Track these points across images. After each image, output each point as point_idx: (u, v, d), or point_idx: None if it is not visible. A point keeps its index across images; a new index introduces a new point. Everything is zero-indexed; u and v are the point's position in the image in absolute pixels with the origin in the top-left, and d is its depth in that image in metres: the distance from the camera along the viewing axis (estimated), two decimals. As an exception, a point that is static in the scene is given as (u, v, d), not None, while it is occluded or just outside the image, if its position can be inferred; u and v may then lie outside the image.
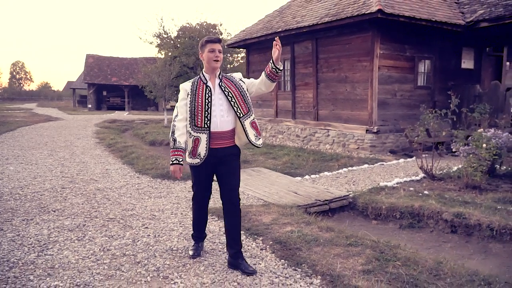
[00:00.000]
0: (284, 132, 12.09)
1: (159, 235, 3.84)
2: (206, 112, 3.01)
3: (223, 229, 3.64)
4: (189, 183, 6.46)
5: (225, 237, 3.27)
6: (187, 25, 23.93)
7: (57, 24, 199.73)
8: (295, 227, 3.88)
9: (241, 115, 3.07)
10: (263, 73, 3.14)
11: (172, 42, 23.60)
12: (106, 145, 10.97)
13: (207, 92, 3.05)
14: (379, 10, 8.12)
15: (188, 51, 22.04)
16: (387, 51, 9.20)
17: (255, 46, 13.14)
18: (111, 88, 36.41)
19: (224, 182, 3.12)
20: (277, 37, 3.07)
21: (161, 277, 2.93)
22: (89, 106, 35.63)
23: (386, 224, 5.25)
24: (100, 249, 3.44)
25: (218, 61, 3.05)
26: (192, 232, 3.47)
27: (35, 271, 3.01)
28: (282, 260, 3.26)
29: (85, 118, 23.35)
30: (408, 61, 9.61)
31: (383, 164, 8.17)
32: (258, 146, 3.19)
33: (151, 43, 24.54)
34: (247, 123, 3.10)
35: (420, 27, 9.16)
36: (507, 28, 9.07)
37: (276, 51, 2.96)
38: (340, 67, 9.99)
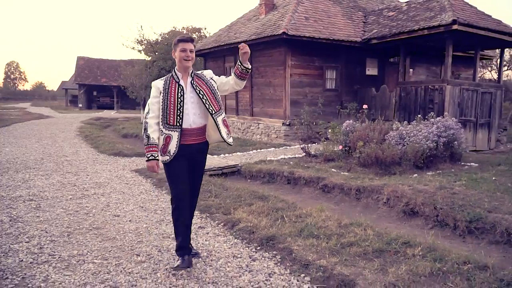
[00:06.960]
0: (230, 126, 14.83)
1: (93, 178, 6.59)
2: (179, 111, 3.06)
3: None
4: (134, 158, 9.17)
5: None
6: (173, 29, 26.63)
7: (52, 25, 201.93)
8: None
9: (213, 111, 3.14)
10: (233, 75, 3.25)
11: (151, 47, 26.29)
12: (84, 136, 13.66)
13: (179, 91, 3.09)
14: (284, 32, 10.88)
15: (165, 56, 24.75)
16: (298, 62, 11.96)
17: (209, 55, 15.89)
18: (101, 89, 38.61)
19: (190, 178, 3.25)
20: (242, 43, 3.19)
21: (85, 190, 5.68)
22: (80, 105, 38.04)
23: (255, 182, 7.95)
24: (56, 181, 6.22)
25: (189, 60, 3.10)
26: (176, 242, 3.26)
27: (20, 187, 5.81)
28: (154, 186, 6.02)
29: (73, 116, 25.88)
30: (317, 69, 12.37)
31: (286, 148, 10.90)
32: (230, 143, 3.22)
33: (133, 48, 27.21)
34: (219, 120, 3.17)
35: (325, 43, 11.90)
36: (403, 42, 11.67)
37: (243, 54, 3.09)
38: (266, 74, 12.74)
